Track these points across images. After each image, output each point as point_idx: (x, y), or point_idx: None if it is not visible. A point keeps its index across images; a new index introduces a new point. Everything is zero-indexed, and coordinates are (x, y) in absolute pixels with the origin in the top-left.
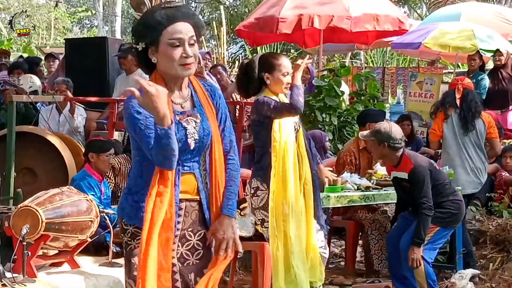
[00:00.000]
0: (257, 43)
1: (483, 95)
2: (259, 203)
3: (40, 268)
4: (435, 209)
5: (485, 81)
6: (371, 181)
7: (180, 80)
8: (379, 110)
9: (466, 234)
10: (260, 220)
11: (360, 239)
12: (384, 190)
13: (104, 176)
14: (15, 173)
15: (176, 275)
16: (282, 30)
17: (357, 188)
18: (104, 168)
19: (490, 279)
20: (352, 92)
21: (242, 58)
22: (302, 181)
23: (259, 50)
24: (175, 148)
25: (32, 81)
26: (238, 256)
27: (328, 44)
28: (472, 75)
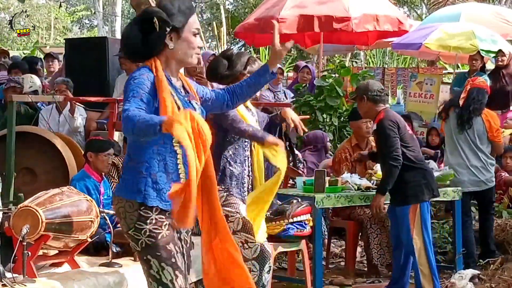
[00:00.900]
0: (256, 44)
1: None
2: (236, 227)
3: (40, 268)
4: (402, 185)
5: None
6: (371, 181)
7: (181, 68)
8: None
9: (470, 234)
10: (242, 242)
11: (360, 239)
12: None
13: (103, 176)
14: (15, 173)
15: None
16: (282, 30)
17: (357, 188)
18: (103, 168)
19: (490, 279)
20: (351, 92)
21: None
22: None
23: (261, 51)
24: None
25: (32, 81)
26: None
27: (328, 44)
28: (473, 76)
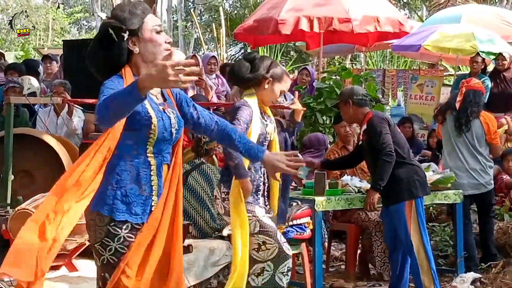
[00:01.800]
0: (255, 46)
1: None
2: (254, 229)
3: None
4: (396, 182)
5: (487, 84)
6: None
7: None
8: None
9: (470, 237)
10: (259, 244)
11: (360, 242)
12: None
13: None
14: (13, 175)
15: None
16: (282, 32)
17: (357, 191)
18: None
19: (491, 283)
20: None
21: None
22: None
23: (260, 51)
24: (126, 115)
25: (30, 82)
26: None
27: (328, 46)
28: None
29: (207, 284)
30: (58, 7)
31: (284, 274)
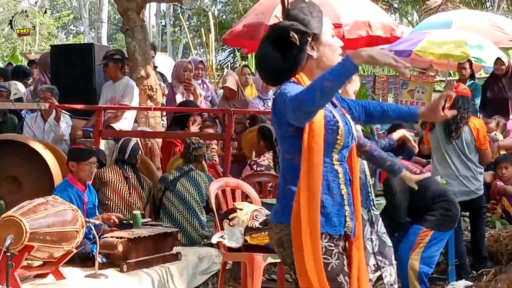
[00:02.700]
0: (245, 51)
1: (476, 105)
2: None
3: (24, 280)
4: (425, 211)
5: (478, 90)
6: None
7: None
8: None
9: (461, 245)
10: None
11: None
12: (376, 200)
13: (86, 185)
14: (0, 181)
15: None
16: None
17: None
18: (85, 177)
19: None
20: None
21: (230, 65)
22: None
23: (249, 58)
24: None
25: (17, 88)
26: (227, 267)
27: None
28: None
29: None
30: (45, 12)
31: None
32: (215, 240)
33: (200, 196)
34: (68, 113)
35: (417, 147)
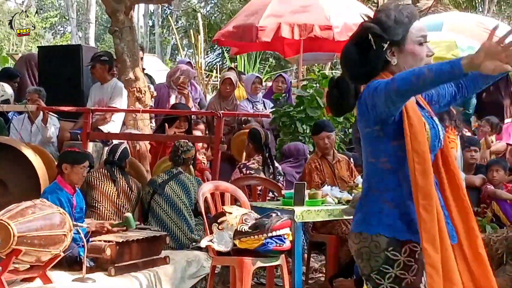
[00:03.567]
0: (235, 52)
1: (471, 115)
2: None
3: (11, 284)
4: None
5: (473, 99)
6: (352, 194)
7: None
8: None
9: None
10: None
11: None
12: None
13: (76, 189)
14: None
15: None
16: (262, 38)
17: (337, 201)
18: (77, 180)
19: None
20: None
21: (219, 66)
22: None
23: (238, 59)
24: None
25: (3, 89)
26: (216, 271)
27: (308, 53)
28: None
29: None
30: (37, 12)
31: None
32: (204, 244)
33: (189, 200)
34: (56, 115)
35: None
